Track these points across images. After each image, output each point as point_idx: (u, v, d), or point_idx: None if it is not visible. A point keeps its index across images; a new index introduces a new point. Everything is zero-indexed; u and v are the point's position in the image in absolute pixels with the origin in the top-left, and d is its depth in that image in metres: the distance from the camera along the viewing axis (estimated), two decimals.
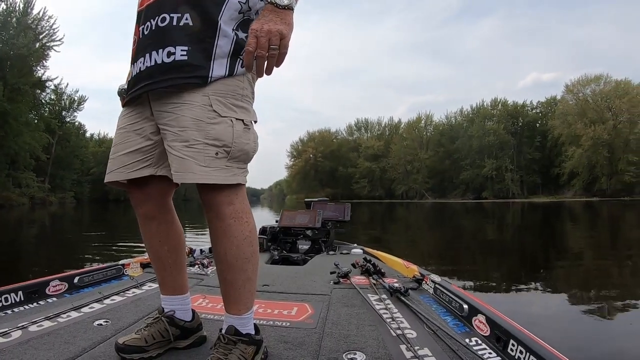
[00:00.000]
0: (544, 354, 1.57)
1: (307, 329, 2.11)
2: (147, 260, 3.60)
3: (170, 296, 1.88)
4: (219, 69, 1.51)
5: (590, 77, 70.02)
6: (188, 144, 1.49)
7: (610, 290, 5.73)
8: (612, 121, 65.12)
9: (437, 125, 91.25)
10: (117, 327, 2.10)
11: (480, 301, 2.25)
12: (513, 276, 6.68)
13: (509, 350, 1.76)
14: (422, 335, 2.02)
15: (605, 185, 64.24)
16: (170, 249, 1.84)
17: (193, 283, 3.06)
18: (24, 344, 1.83)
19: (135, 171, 1.66)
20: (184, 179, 1.51)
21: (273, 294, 2.84)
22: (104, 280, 3.13)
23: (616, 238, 12.90)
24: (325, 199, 5.85)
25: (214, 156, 1.51)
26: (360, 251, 4.75)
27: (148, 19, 1.55)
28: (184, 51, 1.48)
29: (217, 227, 1.59)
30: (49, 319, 2.16)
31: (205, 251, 4.37)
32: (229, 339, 1.62)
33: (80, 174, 66.71)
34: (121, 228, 16.61)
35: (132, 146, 1.65)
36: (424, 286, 2.95)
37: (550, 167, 75.23)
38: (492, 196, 74.94)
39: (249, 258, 1.63)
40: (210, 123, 1.50)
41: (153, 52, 1.51)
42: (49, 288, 2.72)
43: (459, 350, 1.80)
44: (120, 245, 9.89)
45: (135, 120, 1.67)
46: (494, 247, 10.84)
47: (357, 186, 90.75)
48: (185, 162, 1.49)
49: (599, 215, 25.17)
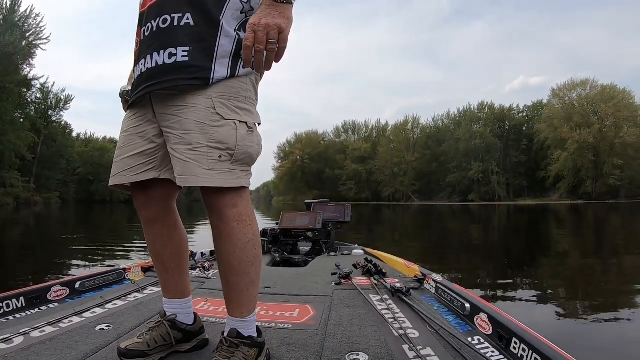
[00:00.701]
0: (547, 352, 1.58)
1: (310, 331, 2.12)
2: (149, 264, 3.59)
3: (172, 299, 1.88)
4: (220, 70, 1.51)
5: (577, 82, 71.24)
6: (191, 147, 1.48)
7: (596, 286, 5.93)
8: (598, 125, 66.09)
9: (424, 127, 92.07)
10: (119, 331, 2.10)
11: (482, 300, 2.28)
12: (499, 276, 6.76)
13: (511, 349, 1.78)
14: (424, 335, 2.03)
15: (591, 188, 65.25)
16: (173, 252, 1.84)
17: (194, 286, 3.05)
18: (26, 350, 1.82)
19: (139, 174, 1.65)
20: (187, 182, 1.50)
21: (275, 295, 2.84)
22: (105, 285, 3.11)
23: (602, 240, 13.15)
24: (325, 200, 5.85)
25: (217, 159, 1.50)
26: (361, 252, 4.77)
27: (149, 20, 1.55)
28: (185, 52, 1.48)
29: (220, 229, 1.59)
30: (50, 325, 2.15)
31: (207, 254, 4.36)
32: (231, 341, 1.62)
33: (66, 174, 65.92)
34: (107, 230, 16.54)
35: (136, 149, 1.65)
36: (425, 286, 2.97)
37: (536, 170, 76.14)
38: (478, 199, 75.63)
39: (252, 261, 1.63)
40: (213, 126, 1.50)
41: (154, 54, 1.51)
42: (51, 293, 2.70)
43: (461, 350, 1.81)
44: (107, 248, 9.75)
45: (139, 122, 1.66)
46: (480, 248, 10.92)
47: (344, 188, 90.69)
48: (188, 165, 1.49)
49: (584, 217, 25.71)
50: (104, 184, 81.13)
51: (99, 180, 75.39)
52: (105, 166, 79.91)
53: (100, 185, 74.65)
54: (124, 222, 21.72)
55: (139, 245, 9.84)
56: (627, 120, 64.58)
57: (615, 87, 67.99)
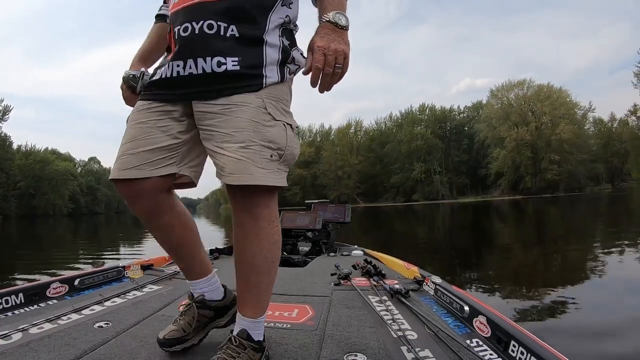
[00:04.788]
0: (545, 355, 1.57)
1: (308, 331, 2.11)
2: (148, 262, 3.62)
3: (195, 281, 1.89)
4: (272, 75, 1.54)
5: (514, 82, 73.85)
6: (244, 145, 1.48)
7: (539, 275, 6.32)
8: (535, 123, 68.38)
9: (367, 130, 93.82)
10: (117, 329, 2.09)
11: (481, 302, 2.26)
12: (446, 272, 6.77)
13: (509, 352, 1.76)
14: (423, 337, 2.02)
15: (530, 183, 67.38)
16: (183, 235, 1.81)
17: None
18: (24, 346, 1.82)
19: (158, 168, 1.60)
20: (240, 181, 1.48)
21: (273, 295, 2.75)
22: (104, 283, 3.11)
23: (541, 231, 13.92)
24: (325, 201, 5.83)
25: (269, 158, 1.52)
26: (360, 252, 4.74)
27: (189, 21, 1.52)
28: (235, 62, 1.49)
29: (248, 229, 1.58)
30: (49, 321, 2.15)
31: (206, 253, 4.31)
32: (240, 342, 1.61)
33: (6, 188, 63.87)
34: (53, 245, 16.06)
35: (156, 143, 1.60)
36: (424, 287, 2.94)
37: (477, 168, 78.70)
38: (422, 198, 77.38)
39: (274, 262, 1.66)
40: (266, 125, 1.52)
41: (199, 60, 1.50)
42: (50, 290, 2.70)
43: (460, 352, 1.80)
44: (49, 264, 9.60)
45: (161, 117, 1.62)
46: (427, 246, 11.11)
47: (289, 193, 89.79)
48: (241, 163, 1.48)
49: (524, 212, 26.89)
50: (46, 197, 79.77)
51: (41, 194, 73.55)
52: (47, 179, 78.11)
53: (42, 198, 72.79)
54: (69, 235, 21.21)
55: (86, 257, 9.61)
56: (563, 117, 66.47)
57: (552, 86, 70.52)
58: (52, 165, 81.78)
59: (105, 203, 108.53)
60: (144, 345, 1.89)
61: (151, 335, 1.99)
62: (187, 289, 2.88)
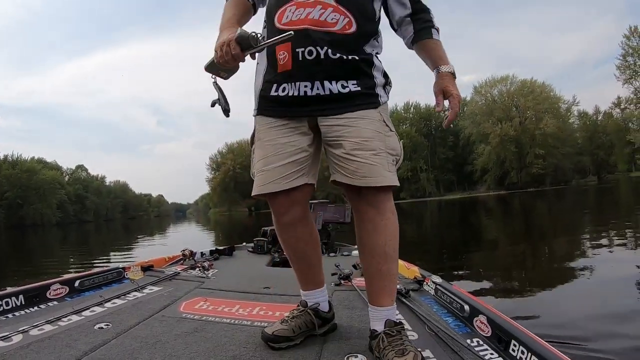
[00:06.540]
0: (546, 355, 1.57)
1: None
2: (148, 263, 3.62)
3: (312, 291, 2.07)
4: (382, 94, 1.84)
5: (497, 78, 74.29)
6: (375, 152, 1.74)
7: (528, 266, 6.39)
8: (519, 118, 68.91)
9: None
10: (118, 330, 2.10)
11: (481, 302, 2.25)
12: (437, 268, 6.84)
13: (510, 351, 1.76)
14: (423, 337, 2.02)
15: (516, 178, 68.01)
16: (315, 247, 2.05)
17: (194, 286, 3.07)
18: (25, 348, 1.84)
19: (292, 181, 1.82)
20: (376, 183, 1.73)
21: (274, 296, 2.84)
22: (104, 284, 3.13)
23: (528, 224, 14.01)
24: (325, 201, 5.84)
25: (392, 163, 1.81)
26: None
27: (312, 45, 1.71)
28: (355, 84, 1.76)
29: (377, 221, 1.79)
30: (49, 323, 2.16)
31: (206, 254, 4.37)
32: (397, 330, 1.76)
33: None
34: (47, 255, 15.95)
35: (287, 158, 1.82)
36: (425, 287, 2.94)
37: (463, 165, 79.29)
38: (409, 196, 77.59)
39: (397, 250, 1.86)
40: (387, 135, 1.82)
41: (326, 82, 1.73)
42: (50, 292, 2.72)
43: (460, 352, 1.81)
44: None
45: (288, 133, 1.82)
46: (416, 243, 11.04)
47: None
48: (375, 168, 1.73)
49: (511, 206, 27.04)
50: (34, 207, 78.67)
51: (29, 204, 72.45)
52: (34, 188, 77.18)
53: (30, 208, 71.69)
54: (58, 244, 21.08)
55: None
56: (547, 112, 67.26)
57: (535, 81, 71.04)
58: (39, 175, 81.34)
59: (93, 211, 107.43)
60: (145, 346, 1.90)
61: (151, 336, 2.01)
62: (187, 290, 2.95)
